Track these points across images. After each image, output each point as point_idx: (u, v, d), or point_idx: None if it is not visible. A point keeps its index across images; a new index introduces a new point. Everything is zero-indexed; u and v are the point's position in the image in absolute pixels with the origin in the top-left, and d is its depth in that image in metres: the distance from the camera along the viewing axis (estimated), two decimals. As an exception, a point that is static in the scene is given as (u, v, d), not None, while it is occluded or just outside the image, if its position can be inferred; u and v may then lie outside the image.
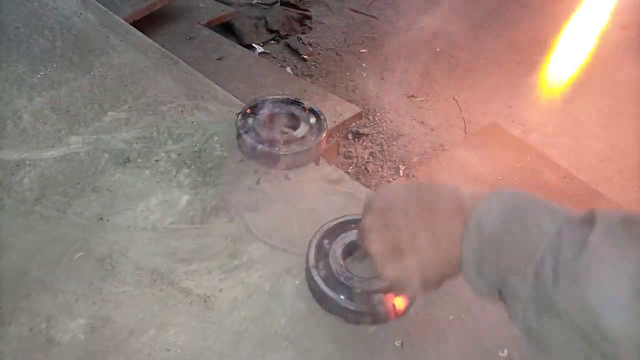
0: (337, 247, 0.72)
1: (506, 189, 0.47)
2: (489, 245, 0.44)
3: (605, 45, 2.40)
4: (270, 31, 2.19)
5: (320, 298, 0.69)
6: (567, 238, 0.38)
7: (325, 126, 0.95)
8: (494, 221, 0.44)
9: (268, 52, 2.12)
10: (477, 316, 0.70)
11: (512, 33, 2.46)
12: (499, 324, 0.69)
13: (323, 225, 0.74)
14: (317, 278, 0.68)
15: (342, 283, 0.68)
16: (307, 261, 0.70)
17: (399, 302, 0.66)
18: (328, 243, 0.73)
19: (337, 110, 1.45)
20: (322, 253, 0.72)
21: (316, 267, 0.69)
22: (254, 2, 2.25)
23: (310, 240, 0.72)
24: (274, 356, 0.65)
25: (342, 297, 0.67)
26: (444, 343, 0.68)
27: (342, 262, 0.70)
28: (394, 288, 0.62)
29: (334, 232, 0.74)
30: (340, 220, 0.75)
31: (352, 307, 0.66)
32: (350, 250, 0.72)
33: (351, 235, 0.73)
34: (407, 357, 0.66)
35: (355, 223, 0.74)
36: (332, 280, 0.68)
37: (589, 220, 0.39)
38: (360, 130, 1.76)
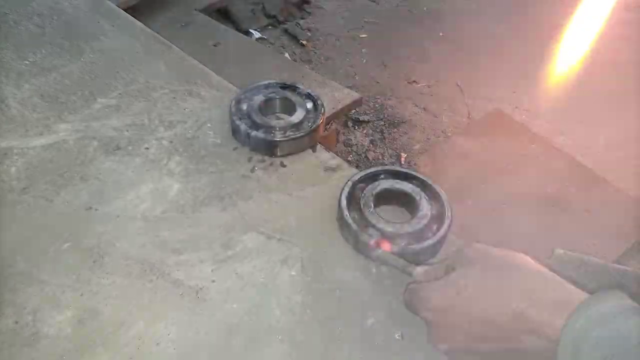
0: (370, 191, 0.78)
1: (603, 299, 0.41)
2: None
3: (612, 28, 2.34)
4: (268, 16, 2.14)
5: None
6: None
7: (322, 111, 0.91)
8: (592, 356, 0.38)
9: (266, 37, 2.07)
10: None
11: (516, 17, 2.40)
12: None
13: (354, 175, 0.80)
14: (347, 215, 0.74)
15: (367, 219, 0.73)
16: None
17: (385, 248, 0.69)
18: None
19: (336, 97, 1.41)
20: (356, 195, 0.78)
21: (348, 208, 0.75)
22: (252, -13, 2.20)
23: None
24: (268, 350, 0.63)
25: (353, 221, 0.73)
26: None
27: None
28: None
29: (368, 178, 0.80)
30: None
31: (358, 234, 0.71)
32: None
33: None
34: (407, 350, 0.64)
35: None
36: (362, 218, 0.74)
37: None
38: (360, 118, 1.72)
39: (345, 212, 0.73)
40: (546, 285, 0.46)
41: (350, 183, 0.77)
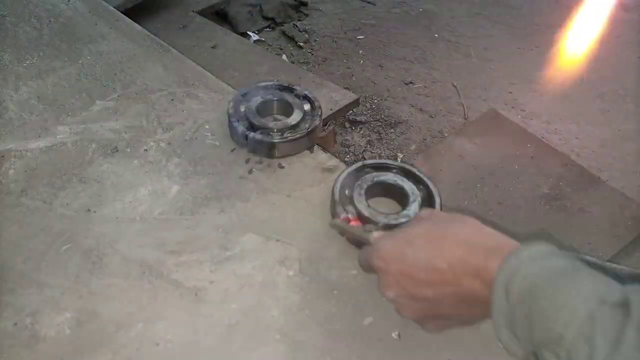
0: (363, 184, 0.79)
1: (534, 245, 0.45)
2: (519, 312, 0.42)
3: (608, 28, 2.35)
4: (266, 18, 2.15)
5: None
6: (601, 327, 0.36)
7: (319, 112, 0.92)
8: (520, 287, 0.42)
9: (263, 39, 2.08)
10: (475, 306, 0.68)
11: (511, 18, 2.42)
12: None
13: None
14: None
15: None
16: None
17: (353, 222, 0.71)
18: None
19: (333, 98, 1.42)
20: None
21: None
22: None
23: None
24: (267, 349, 0.63)
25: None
26: (443, 334, 0.66)
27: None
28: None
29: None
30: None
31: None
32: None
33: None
34: (404, 349, 0.64)
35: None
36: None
37: (624, 306, 0.36)
38: (358, 118, 1.72)
39: (337, 184, 0.76)
40: (484, 235, 0.50)
41: (360, 163, 0.80)
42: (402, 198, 0.79)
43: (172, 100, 0.99)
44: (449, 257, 0.49)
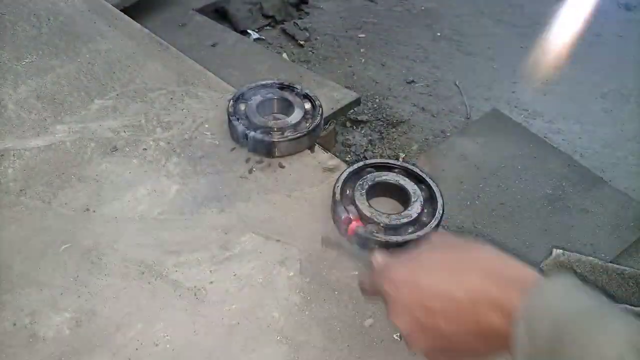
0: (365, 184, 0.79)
1: (558, 280, 0.43)
2: (545, 354, 0.39)
3: (610, 28, 2.34)
4: (266, 16, 2.14)
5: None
6: None
7: (320, 112, 0.91)
8: (547, 330, 0.39)
9: (263, 38, 2.07)
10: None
11: (514, 17, 2.40)
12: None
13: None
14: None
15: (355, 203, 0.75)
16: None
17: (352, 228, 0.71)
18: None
19: (334, 97, 1.41)
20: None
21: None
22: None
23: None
24: (267, 350, 0.63)
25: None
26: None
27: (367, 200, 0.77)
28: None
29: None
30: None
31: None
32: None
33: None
34: (405, 350, 0.63)
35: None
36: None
37: None
38: (359, 118, 1.71)
39: (338, 184, 0.76)
40: (503, 264, 0.47)
41: (362, 163, 0.80)
42: (403, 198, 0.78)
43: (172, 99, 0.98)
44: (466, 285, 0.45)
